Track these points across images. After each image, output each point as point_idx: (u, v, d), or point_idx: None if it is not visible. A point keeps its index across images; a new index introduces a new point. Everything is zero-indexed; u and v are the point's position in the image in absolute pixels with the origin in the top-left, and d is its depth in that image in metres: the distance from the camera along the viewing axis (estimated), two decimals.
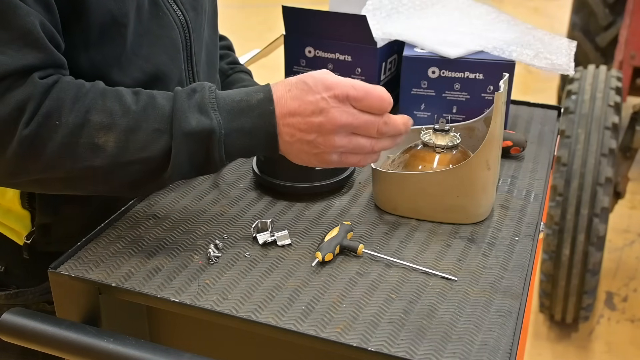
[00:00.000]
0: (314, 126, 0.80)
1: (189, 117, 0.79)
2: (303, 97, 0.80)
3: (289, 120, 0.81)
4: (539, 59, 1.20)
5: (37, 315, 0.79)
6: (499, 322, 0.77)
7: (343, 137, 0.82)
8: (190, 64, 1.00)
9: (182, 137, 0.79)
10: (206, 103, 0.80)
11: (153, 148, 0.79)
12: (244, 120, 0.81)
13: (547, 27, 1.45)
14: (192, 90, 0.82)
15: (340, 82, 0.80)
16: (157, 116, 0.80)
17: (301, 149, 0.83)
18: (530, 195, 1.04)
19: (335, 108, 0.80)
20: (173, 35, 0.96)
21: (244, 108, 0.81)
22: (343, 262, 0.86)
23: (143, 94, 0.82)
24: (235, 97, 0.82)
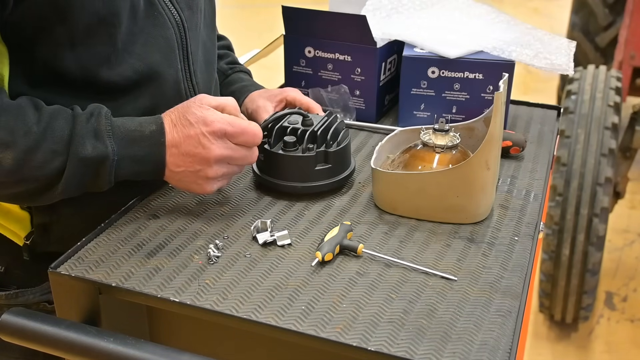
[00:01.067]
0: (195, 157, 0.89)
1: (86, 143, 0.84)
2: (186, 131, 0.88)
3: (173, 151, 0.89)
4: (538, 59, 1.20)
5: (37, 315, 0.79)
6: (499, 322, 0.77)
7: (222, 167, 0.90)
8: (187, 63, 1.00)
9: (77, 161, 0.84)
10: (102, 130, 0.86)
11: (48, 168, 0.84)
12: (136, 149, 0.88)
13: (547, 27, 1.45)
14: (90, 114, 0.87)
15: (216, 119, 0.88)
16: (56, 138, 0.84)
17: (184, 178, 0.91)
18: (530, 195, 1.04)
19: (213, 143, 0.88)
20: (168, 34, 0.96)
21: (137, 137, 0.88)
22: (343, 262, 0.86)
23: (45, 113, 0.85)
24: (130, 126, 0.88)
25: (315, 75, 1.32)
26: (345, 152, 1.03)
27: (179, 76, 0.99)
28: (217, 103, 0.91)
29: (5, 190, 0.87)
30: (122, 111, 0.94)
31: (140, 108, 0.96)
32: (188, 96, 1.01)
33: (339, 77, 1.30)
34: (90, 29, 0.87)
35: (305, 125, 1.00)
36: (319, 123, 1.01)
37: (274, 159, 0.99)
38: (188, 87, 1.01)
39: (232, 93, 1.23)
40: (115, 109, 0.93)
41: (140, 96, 0.95)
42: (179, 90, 0.99)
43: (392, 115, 1.36)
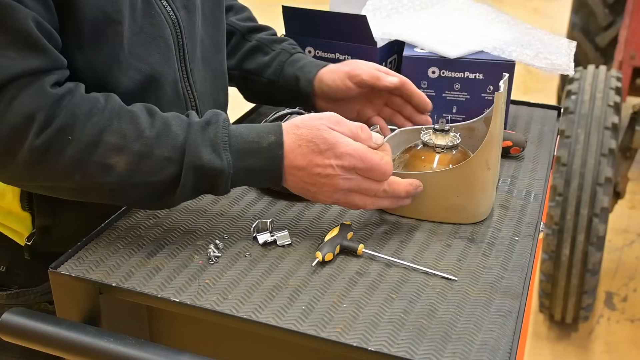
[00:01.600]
0: (317, 184, 0.85)
1: (201, 153, 0.82)
2: (312, 157, 0.84)
3: (295, 172, 0.85)
4: (538, 59, 1.20)
5: (38, 315, 0.79)
6: (499, 322, 0.77)
7: (341, 195, 0.87)
8: (184, 62, 1.00)
9: (192, 171, 0.82)
10: (218, 142, 0.83)
11: (162, 175, 0.82)
12: (253, 161, 0.84)
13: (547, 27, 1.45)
14: (206, 123, 0.84)
15: (349, 153, 0.84)
16: (170, 145, 0.82)
17: (303, 193, 0.88)
18: (530, 195, 1.04)
19: (340, 176, 0.84)
20: (165, 34, 0.96)
21: (254, 149, 0.84)
22: (343, 262, 0.86)
23: (158, 119, 0.84)
24: (247, 136, 0.84)
25: None
26: None
27: (176, 76, 0.99)
28: (351, 132, 0.86)
29: (120, 197, 0.85)
30: None
31: None
32: (186, 96, 1.01)
33: None
34: (96, 27, 0.86)
35: None
36: None
37: None
38: (185, 87, 1.01)
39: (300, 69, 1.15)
40: None
41: (145, 98, 0.94)
42: (177, 90, 0.99)
43: None
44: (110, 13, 0.86)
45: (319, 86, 1.13)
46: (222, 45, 1.12)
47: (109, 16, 0.86)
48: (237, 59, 1.22)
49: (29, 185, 0.85)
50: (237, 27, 1.23)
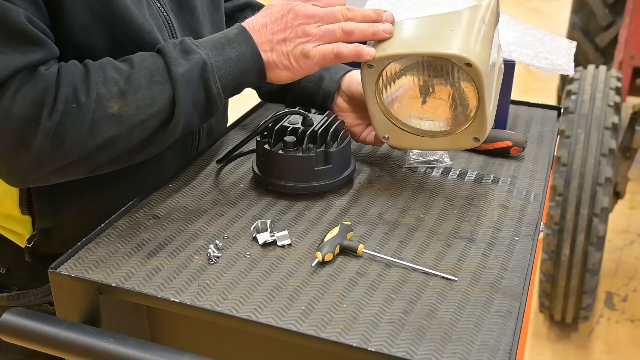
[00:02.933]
0: (283, 23, 0.90)
1: (181, 62, 0.86)
2: (267, 11, 0.92)
3: (262, 31, 0.91)
4: (538, 59, 1.20)
5: (37, 316, 0.79)
6: (499, 322, 0.77)
7: (312, 27, 0.91)
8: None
9: (182, 80, 0.85)
10: (190, 45, 0.88)
11: (160, 100, 0.85)
12: (228, 51, 0.89)
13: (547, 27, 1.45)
14: (173, 43, 0.88)
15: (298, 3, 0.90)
16: (154, 71, 0.85)
17: (282, 53, 0.91)
18: (530, 195, 1.04)
19: (298, 5, 0.91)
20: (165, 36, 0.95)
21: (224, 43, 0.89)
22: (343, 262, 0.86)
23: (130, 59, 0.87)
24: (214, 37, 0.91)
25: None
26: (345, 153, 1.03)
27: None
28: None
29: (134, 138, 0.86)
30: None
31: None
32: None
33: None
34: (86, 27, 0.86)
35: (306, 126, 1.00)
36: (319, 123, 1.01)
37: (274, 159, 0.99)
38: None
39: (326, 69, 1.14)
40: None
41: None
42: None
43: None
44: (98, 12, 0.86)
45: (347, 88, 1.11)
46: None
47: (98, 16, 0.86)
48: None
49: (43, 174, 0.84)
50: None
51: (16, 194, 0.95)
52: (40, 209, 0.96)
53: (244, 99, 1.38)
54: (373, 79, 0.97)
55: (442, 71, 0.94)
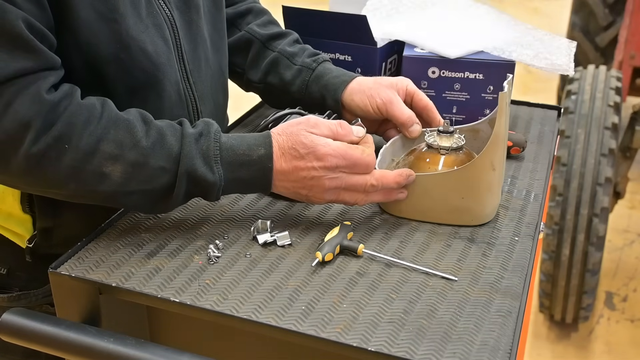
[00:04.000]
0: (306, 187, 0.88)
1: (195, 165, 0.84)
2: (295, 163, 0.87)
3: (283, 178, 0.88)
4: (538, 59, 1.20)
5: (38, 316, 0.79)
6: (499, 322, 0.77)
7: (332, 194, 0.89)
8: (183, 63, 1.00)
9: (185, 180, 0.84)
10: (211, 155, 0.85)
11: (156, 183, 0.84)
12: (243, 173, 0.87)
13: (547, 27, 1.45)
14: (199, 134, 0.86)
15: (329, 153, 0.86)
16: (165, 155, 0.84)
17: (294, 196, 0.91)
18: (530, 195, 1.04)
19: (325, 177, 0.87)
20: (166, 34, 0.95)
21: (244, 162, 0.87)
22: (343, 262, 0.86)
23: (153, 128, 0.85)
24: (238, 149, 0.87)
25: None
26: None
27: (177, 76, 0.98)
28: (330, 131, 0.89)
29: (115, 203, 0.87)
30: None
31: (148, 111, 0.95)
32: (187, 97, 1.01)
33: None
34: (90, 26, 0.86)
35: None
36: None
37: None
38: (186, 88, 1.01)
39: (325, 87, 1.11)
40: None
41: (147, 98, 0.94)
42: (178, 91, 0.99)
43: None
44: (103, 12, 0.86)
45: (349, 105, 1.09)
46: (219, 45, 1.11)
47: (103, 15, 0.86)
48: (261, 73, 1.18)
49: (21, 188, 0.87)
50: (256, 35, 1.19)
51: (17, 191, 0.95)
52: (41, 208, 0.96)
53: (244, 99, 1.38)
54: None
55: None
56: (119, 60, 0.89)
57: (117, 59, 0.89)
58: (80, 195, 0.85)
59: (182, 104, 1.00)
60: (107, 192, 0.83)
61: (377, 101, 1.05)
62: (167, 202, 0.86)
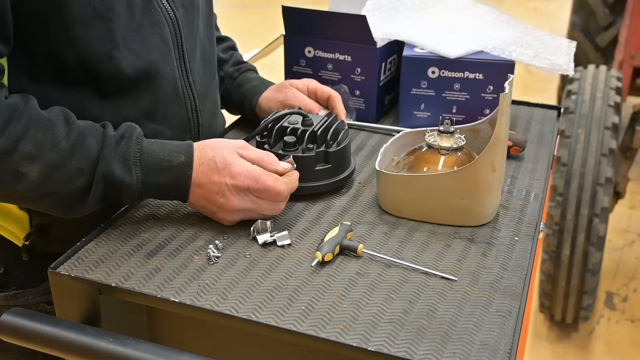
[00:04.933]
0: (215, 203, 0.89)
1: (113, 167, 0.85)
2: (211, 175, 0.88)
3: (197, 190, 0.89)
4: (538, 59, 1.20)
5: (37, 316, 0.79)
6: (499, 322, 0.77)
7: (241, 214, 0.91)
8: (183, 61, 1.00)
9: (102, 182, 0.85)
10: (130, 157, 0.86)
11: (73, 185, 0.85)
12: (161, 177, 0.88)
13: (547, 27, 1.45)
14: (120, 136, 0.87)
15: (242, 174, 0.88)
16: (83, 157, 0.84)
17: (204, 210, 0.92)
18: (530, 195, 1.04)
19: (235, 196, 0.88)
20: (164, 32, 0.96)
21: (164, 167, 0.88)
22: (343, 262, 0.86)
23: (75, 129, 0.85)
24: (159, 154, 0.88)
25: (315, 75, 1.32)
26: (345, 152, 1.03)
27: (175, 75, 0.99)
28: (255, 157, 0.90)
29: (30, 204, 0.88)
30: (123, 112, 0.94)
31: (140, 107, 0.96)
32: (185, 95, 1.01)
33: (339, 77, 1.30)
34: (86, 23, 0.86)
35: (305, 125, 1.00)
36: (319, 123, 1.01)
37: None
38: (185, 86, 1.01)
39: (243, 96, 1.23)
40: (116, 110, 0.93)
41: (140, 95, 0.95)
42: (176, 89, 0.99)
43: (392, 115, 1.36)
44: (99, 9, 0.86)
45: (259, 112, 1.21)
46: (212, 46, 1.12)
47: (98, 13, 0.87)
48: None
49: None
50: None
51: None
52: None
53: None
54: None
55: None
56: (111, 57, 0.90)
57: (110, 57, 0.90)
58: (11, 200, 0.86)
59: (179, 102, 1.00)
60: (23, 191, 0.84)
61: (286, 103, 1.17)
62: (82, 205, 0.87)
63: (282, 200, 0.91)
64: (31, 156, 0.81)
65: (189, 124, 1.03)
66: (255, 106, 1.21)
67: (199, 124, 1.05)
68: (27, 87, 0.88)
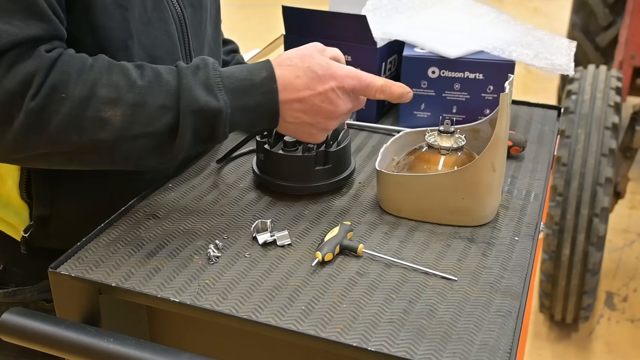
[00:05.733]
0: (321, 112, 0.87)
1: (197, 95, 0.81)
2: (313, 85, 0.86)
3: (296, 105, 0.86)
4: (539, 59, 1.20)
5: (37, 315, 0.79)
6: (499, 322, 0.77)
7: (344, 117, 0.91)
8: (189, 60, 1.00)
9: (190, 115, 0.81)
10: (212, 83, 0.83)
11: (159, 123, 0.81)
12: (248, 99, 0.84)
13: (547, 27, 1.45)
14: (196, 67, 0.84)
15: (346, 75, 0.87)
16: (163, 92, 0.81)
17: (299, 128, 0.89)
18: (530, 195, 1.04)
19: (341, 98, 0.87)
20: (171, 30, 0.96)
21: (248, 87, 0.84)
22: (343, 262, 0.86)
23: (147, 69, 0.83)
24: (239, 75, 0.85)
25: None
26: (345, 152, 1.03)
27: None
28: (334, 54, 0.90)
29: (123, 153, 0.83)
30: None
31: None
32: None
33: None
34: (107, 12, 0.87)
35: None
36: None
37: (274, 159, 0.99)
38: None
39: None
40: None
41: None
42: None
43: (392, 115, 1.36)
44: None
45: None
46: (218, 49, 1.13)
47: (117, 1, 0.87)
48: None
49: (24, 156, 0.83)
50: None
51: (17, 174, 0.95)
52: (38, 194, 0.95)
53: None
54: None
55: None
56: (126, 47, 0.90)
57: (125, 47, 0.90)
58: (85, 150, 0.81)
59: None
60: (110, 139, 0.81)
61: None
62: (175, 144, 0.83)
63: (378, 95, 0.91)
64: (111, 100, 0.80)
65: None
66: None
67: None
68: None
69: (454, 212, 0.94)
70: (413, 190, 0.94)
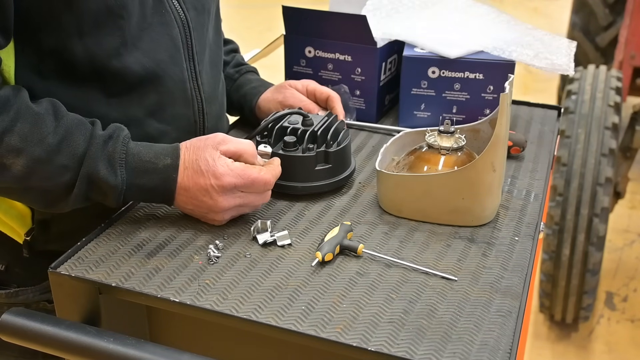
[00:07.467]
0: (204, 206, 0.90)
1: (98, 167, 0.85)
2: (196, 179, 0.88)
3: (183, 192, 0.89)
4: (539, 59, 1.20)
5: (37, 315, 0.79)
6: (499, 322, 0.77)
7: (232, 211, 0.91)
8: (192, 63, 1.00)
9: (87, 182, 0.86)
10: (116, 158, 0.86)
11: (56, 181, 0.85)
12: (146, 179, 0.88)
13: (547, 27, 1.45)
14: (109, 136, 0.87)
15: (226, 173, 0.88)
16: (70, 154, 0.84)
17: (193, 213, 0.92)
18: (530, 195, 1.04)
19: (222, 196, 0.88)
20: (174, 33, 0.96)
21: (149, 169, 0.88)
22: (343, 262, 0.86)
23: (63, 125, 0.85)
24: (145, 156, 0.88)
25: (315, 75, 1.32)
26: (346, 152, 1.03)
27: (184, 76, 0.99)
28: (235, 149, 0.90)
29: (13, 196, 0.87)
30: (129, 111, 0.94)
31: (146, 107, 0.96)
32: (194, 97, 1.02)
33: (339, 77, 1.30)
34: (98, 19, 0.87)
35: (306, 125, 1.00)
36: (319, 123, 1.01)
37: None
38: (193, 87, 1.01)
39: (243, 97, 1.23)
40: (122, 107, 0.93)
41: (146, 94, 0.95)
42: (184, 90, 1.00)
43: (392, 115, 1.36)
44: (112, 6, 0.87)
45: (259, 113, 1.22)
46: (219, 51, 1.13)
47: (111, 8, 0.87)
48: None
49: None
50: None
51: None
52: None
53: None
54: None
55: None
56: (119, 55, 0.90)
57: (118, 54, 0.90)
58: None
59: (187, 103, 1.01)
60: (6, 183, 0.84)
61: (285, 104, 1.17)
62: (64, 202, 0.87)
63: (269, 189, 0.92)
64: (16, 149, 0.81)
65: (195, 126, 1.04)
66: (255, 107, 1.21)
67: (205, 126, 1.06)
68: (33, 83, 0.88)
69: (454, 212, 0.94)
70: (413, 190, 0.94)
